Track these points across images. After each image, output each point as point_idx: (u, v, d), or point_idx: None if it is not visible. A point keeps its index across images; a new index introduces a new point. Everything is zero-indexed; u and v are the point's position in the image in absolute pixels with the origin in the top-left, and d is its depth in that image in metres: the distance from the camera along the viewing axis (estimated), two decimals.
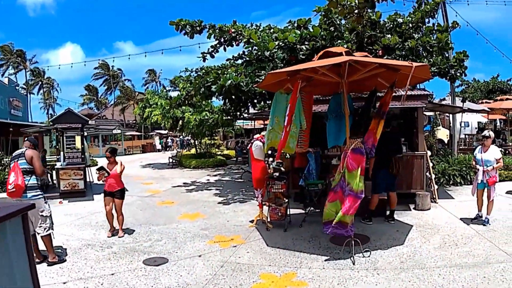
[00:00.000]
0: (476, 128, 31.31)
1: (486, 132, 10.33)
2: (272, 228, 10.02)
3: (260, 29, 14.28)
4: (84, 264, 7.86)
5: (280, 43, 12.43)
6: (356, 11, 9.88)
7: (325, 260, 7.75)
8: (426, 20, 13.46)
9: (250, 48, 13.57)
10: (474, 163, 10.34)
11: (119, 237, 9.59)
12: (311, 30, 12.84)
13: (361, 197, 7.79)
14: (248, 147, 12.56)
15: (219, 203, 13.70)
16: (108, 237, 9.58)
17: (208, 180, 20.09)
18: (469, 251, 8.18)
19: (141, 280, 7.01)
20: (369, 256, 7.90)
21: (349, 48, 10.62)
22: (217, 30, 13.95)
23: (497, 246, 8.45)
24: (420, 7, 13.44)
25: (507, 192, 14.04)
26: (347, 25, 12.78)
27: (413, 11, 13.44)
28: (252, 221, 10.75)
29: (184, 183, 18.82)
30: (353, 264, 7.51)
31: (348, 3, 10.14)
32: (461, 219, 10.59)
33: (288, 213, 10.23)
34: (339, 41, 12.40)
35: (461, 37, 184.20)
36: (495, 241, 8.82)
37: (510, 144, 25.47)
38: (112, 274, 7.30)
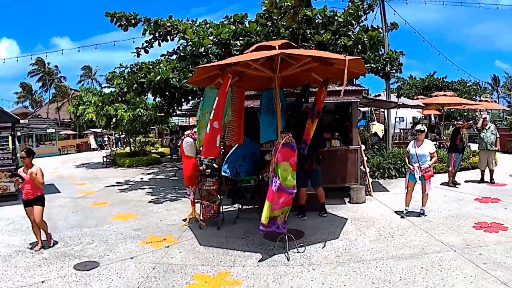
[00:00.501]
0: (411, 123, 32.21)
1: (419, 126, 10.44)
2: (205, 226, 9.80)
3: (196, 24, 13.98)
4: (14, 272, 7.40)
5: (215, 39, 12.19)
6: (291, 10, 9.75)
7: (259, 257, 7.60)
8: (363, 17, 13.53)
9: (185, 43, 13.25)
10: (407, 159, 10.37)
11: (49, 246, 8.83)
12: (247, 25, 12.64)
13: (293, 192, 7.68)
14: (179, 144, 12.26)
15: (152, 202, 13.38)
16: (36, 251, 8.63)
17: (142, 178, 19.69)
18: (406, 243, 8.26)
19: (71, 287, 6.66)
20: (304, 252, 7.81)
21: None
22: (152, 24, 13.53)
23: (434, 237, 8.59)
24: (355, 3, 13.42)
25: (442, 184, 14.43)
26: (282, 22, 12.64)
27: (346, 8, 13.42)
28: (185, 220, 10.46)
29: (117, 183, 18.32)
30: (288, 260, 7.39)
31: (285, 4, 10.00)
32: (396, 211, 10.70)
33: (221, 210, 10.02)
34: (274, 37, 12.27)
35: (400, 35, 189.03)
36: (431, 231, 8.97)
37: (444, 138, 26.13)
38: (43, 282, 6.90)
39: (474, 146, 21.11)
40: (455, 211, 10.77)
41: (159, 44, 13.89)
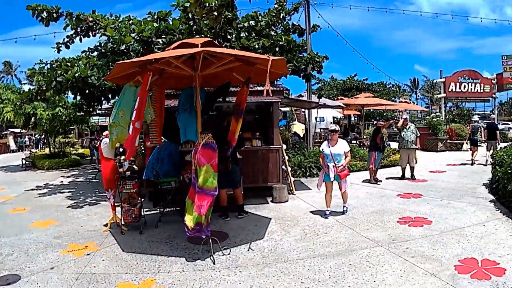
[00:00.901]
0: (331, 122, 32.57)
1: (333, 126, 10.50)
2: (127, 231, 9.36)
3: (119, 20, 13.52)
4: None
5: (136, 36, 11.83)
6: (215, 13, 9.56)
7: (184, 262, 7.36)
8: (287, 18, 13.54)
9: (107, 39, 12.79)
10: (321, 160, 10.35)
11: None
12: (171, 23, 12.36)
13: (214, 194, 7.47)
14: (97, 145, 11.80)
15: (72, 207, 12.68)
16: None
17: (62, 182, 18.74)
18: (331, 240, 8.29)
19: None
20: (229, 254, 7.65)
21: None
22: (74, 19, 12.91)
23: (359, 233, 8.70)
24: (282, 6, 13.39)
25: (364, 181, 14.75)
26: (205, 22, 12.44)
27: (270, 9, 13.37)
28: (106, 225, 9.96)
29: (37, 187, 17.33)
30: (214, 263, 7.20)
31: (208, 4, 9.80)
32: (319, 210, 10.70)
33: (142, 214, 9.65)
34: (197, 35, 12.04)
35: (323, 38, 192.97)
36: (356, 228, 9.08)
37: (365, 137, 26.76)
38: None
39: (393, 145, 21.77)
40: (378, 207, 11.01)
41: (80, 40, 13.35)
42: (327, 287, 6.16)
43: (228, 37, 12.41)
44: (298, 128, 30.45)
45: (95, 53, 13.07)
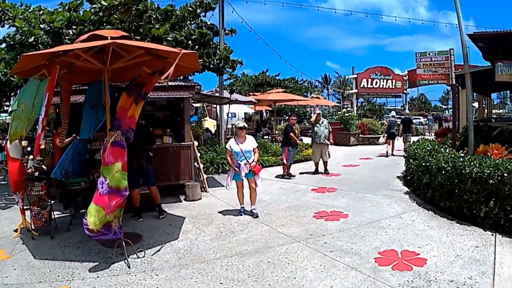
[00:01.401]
0: (243, 118, 32.68)
1: (240, 123, 10.21)
2: (38, 236, 8.73)
3: (29, 10, 12.76)
4: None
5: (46, 27, 11.22)
6: (124, 6, 9.22)
7: (99, 267, 7.00)
8: (202, 13, 13.29)
9: (15, 31, 12.04)
10: (229, 159, 10.00)
11: None
12: (82, 14, 11.83)
13: (125, 194, 7.19)
14: (3, 145, 11.11)
15: None
16: None
17: None
18: (248, 238, 8.23)
19: None
20: (144, 257, 7.38)
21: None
22: None
23: (276, 229, 8.69)
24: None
25: (277, 177, 14.84)
26: (115, 15, 12.01)
27: (185, 5, 13.12)
28: (16, 231, 9.23)
29: None
30: (129, 267, 6.91)
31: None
32: (234, 206, 10.63)
33: (53, 217, 9.09)
34: (108, 26, 11.61)
35: (238, 33, 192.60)
36: (272, 224, 9.07)
37: (276, 132, 27.01)
38: None
39: (306, 140, 22.04)
40: (293, 202, 11.08)
41: None
42: (247, 287, 6.08)
43: (140, 30, 12.05)
44: (210, 124, 30.34)
45: (3, 45, 12.32)
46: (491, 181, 8.15)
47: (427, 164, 10.30)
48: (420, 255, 6.98)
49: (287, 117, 20.20)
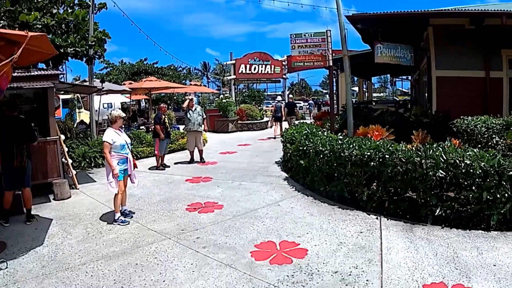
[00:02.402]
0: (119, 108, 31.64)
1: (117, 112, 8.99)
2: None
3: None
4: None
5: None
6: None
7: None
8: None
9: None
10: (108, 155, 8.38)
11: None
12: None
13: None
14: None
15: None
16: None
17: None
18: (116, 238, 7.57)
19: None
20: (6, 268, 6.44)
21: None
22: None
23: (146, 226, 8.13)
24: None
25: (151, 168, 14.20)
26: None
27: None
28: None
29: None
30: None
31: None
32: (104, 203, 9.89)
33: None
34: None
35: (110, 19, 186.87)
36: (142, 220, 8.50)
37: (152, 122, 26.37)
38: None
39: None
40: (166, 195, 10.56)
41: None
42: None
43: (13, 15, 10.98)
44: (85, 116, 28.95)
45: None
46: (372, 163, 8.13)
47: (304, 148, 10.16)
48: (301, 245, 6.74)
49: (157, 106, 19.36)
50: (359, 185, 8.51)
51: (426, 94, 17.15)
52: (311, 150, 9.86)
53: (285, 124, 22.20)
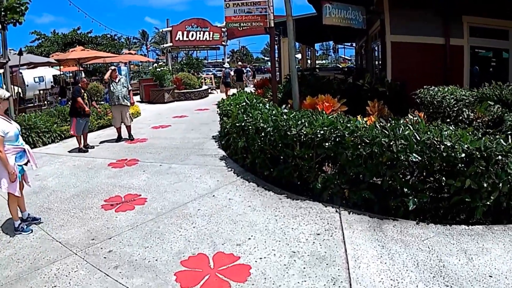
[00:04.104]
0: (51, 82, 29.37)
1: (2, 93, 6.53)
2: None
3: None
4: None
5: None
6: None
7: None
8: None
9: None
10: (3, 155, 5.99)
11: None
12: None
13: None
14: None
15: None
16: None
17: None
18: (13, 255, 5.65)
19: None
20: None
21: None
22: None
23: (51, 235, 6.25)
24: None
25: (71, 151, 12.13)
26: None
27: None
28: None
29: None
30: None
31: None
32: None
33: None
34: None
35: None
36: (48, 226, 6.60)
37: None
38: None
39: None
40: (83, 186, 8.68)
41: None
42: None
43: None
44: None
45: None
46: (327, 143, 6.71)
47: (243, 124, 8.64)
48: (241, 260, 5.18)
49: (81, 78, 16.93)
50: (311, 169, 7.08)
51: (377, 62, 16.04)
52: (250, 127, 8.36)
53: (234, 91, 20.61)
